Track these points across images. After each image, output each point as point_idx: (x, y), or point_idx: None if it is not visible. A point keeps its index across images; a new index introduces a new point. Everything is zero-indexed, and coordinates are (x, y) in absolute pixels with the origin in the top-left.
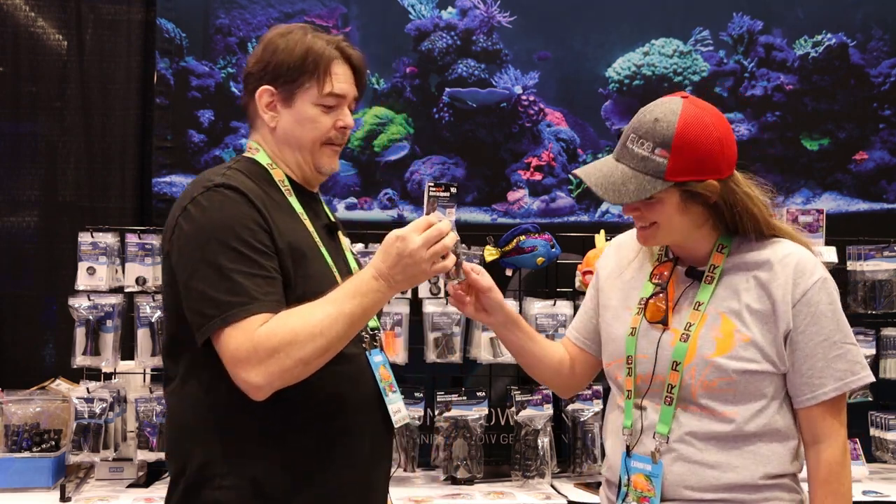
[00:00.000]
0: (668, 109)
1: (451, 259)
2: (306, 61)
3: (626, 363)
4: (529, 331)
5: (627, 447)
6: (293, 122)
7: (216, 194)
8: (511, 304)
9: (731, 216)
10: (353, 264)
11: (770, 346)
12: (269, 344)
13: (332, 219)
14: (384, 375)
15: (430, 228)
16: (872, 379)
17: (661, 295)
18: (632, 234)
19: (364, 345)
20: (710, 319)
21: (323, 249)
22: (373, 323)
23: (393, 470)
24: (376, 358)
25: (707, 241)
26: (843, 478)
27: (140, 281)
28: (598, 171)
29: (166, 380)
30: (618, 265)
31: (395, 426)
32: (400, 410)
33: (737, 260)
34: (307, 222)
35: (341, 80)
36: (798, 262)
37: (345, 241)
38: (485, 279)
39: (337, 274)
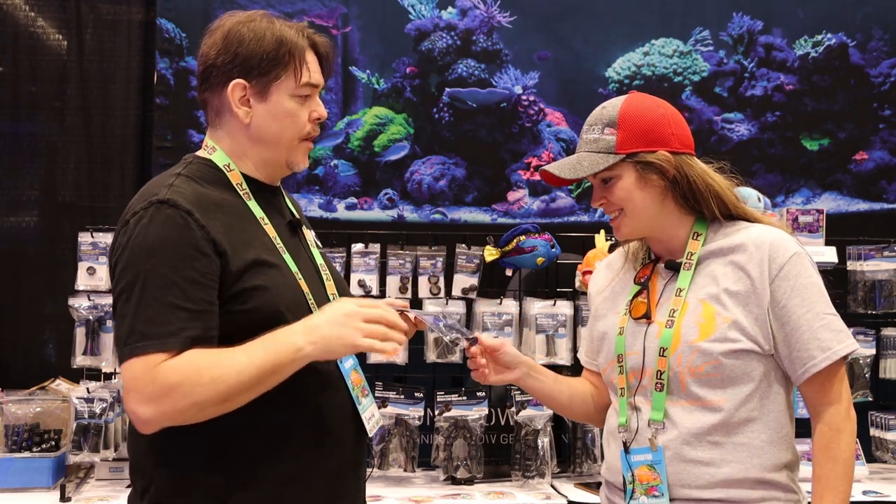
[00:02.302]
0: (614, 100)
1: (390, 346)
2: (280, 52)
3: (617, 362)
4: (551, 373)
5: (625, 444)
6: (269, 117)
7: (157, 212)
8: (511, 304)
9: (691, 193)
10: (318, 259)
11: (752, 326)
12: (169, 382)
13: (295, 213)
14: (356, 381)
15: (374, 308)
16: (857, 346)
17: (643, 292)
18: (616, 253)
19: None
20: (692, 307)
21: (286, 256)
22: None
23: (392, 470)
24: (347, 364)
25: (682, 229)
26: (841, 443)
27: None
28: (558, 162)
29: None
30: (605, 279)
31: (370, 433)
32: (373, 416)
33: (712, 247)
34: (268, 227)
35: (314, 68)
36: (773, 240)
37: (309, 235)
38: (491, 340)
39: (301, 278)
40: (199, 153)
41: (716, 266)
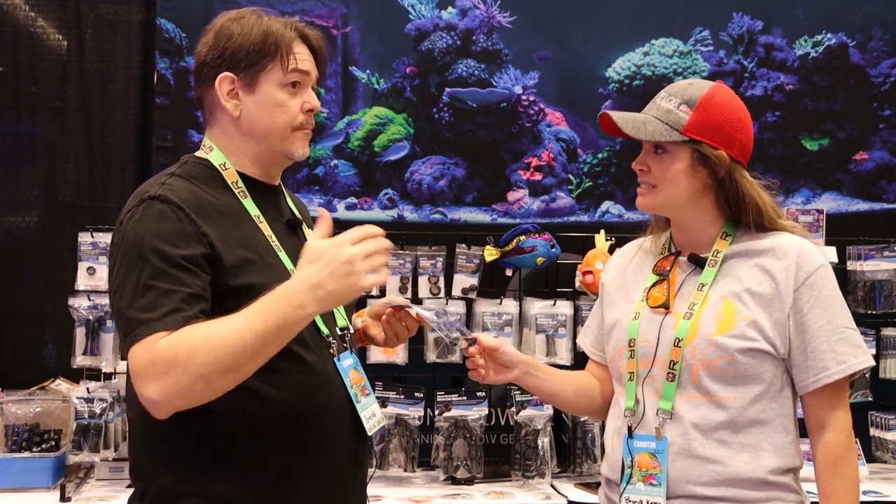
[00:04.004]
0: (703, 81)
1: (385, 273)
2: (266, 43)
3: (628, 347)
4: (551, 370)
5: (629, 428)
6: (259, 109)
7: (148, 207)
8: (511, 304)
9: (734, 199)
10: None
11: (771, 329)
12: (167, 357)
13: (296, 212)
14: (355, 380)
15: (366, 238)
16: (873, 363)
17: (662, 283)
18: (632, 243)
19: (331, 351)
20: (713, 302)
21: (281, 254)
22: (342, 322)
23: (392, 470)
24: (346, 363)
25: (713, 226)
26: (849, 460)
27: None
28: (623, 112)
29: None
30: (620, 267)
31: (369, 433)
32: (374, 415)
33: (738, 248)
34: (263, 225)
35: (303, 58)
36: (801, 249)
37: (311, 234)
38: (490, 340)
39: None
40: (197, 153)
41: (741, 266)
